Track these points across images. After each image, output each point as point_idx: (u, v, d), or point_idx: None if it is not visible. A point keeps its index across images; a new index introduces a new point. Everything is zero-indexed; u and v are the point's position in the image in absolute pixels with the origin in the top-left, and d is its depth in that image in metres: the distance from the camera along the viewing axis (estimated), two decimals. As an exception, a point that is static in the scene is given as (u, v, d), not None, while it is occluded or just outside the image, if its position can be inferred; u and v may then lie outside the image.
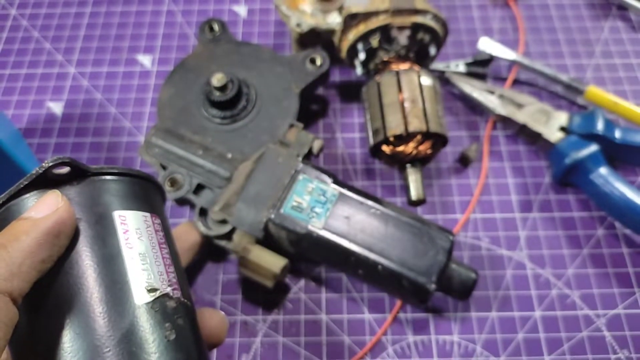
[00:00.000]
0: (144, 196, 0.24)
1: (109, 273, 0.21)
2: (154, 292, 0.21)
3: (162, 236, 0.23)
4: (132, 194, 0.23)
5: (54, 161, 0.21)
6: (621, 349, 0.38)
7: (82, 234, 0.21)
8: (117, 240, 0.21)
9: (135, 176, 0.24)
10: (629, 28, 0.53)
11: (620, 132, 0.42)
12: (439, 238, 0.35)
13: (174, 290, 0.22)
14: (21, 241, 0.19)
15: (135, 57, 0.51)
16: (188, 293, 0.24)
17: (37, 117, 0.48)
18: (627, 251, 0.41)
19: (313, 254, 0.37)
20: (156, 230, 0.23)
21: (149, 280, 0.21)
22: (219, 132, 0.41)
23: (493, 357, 0.37)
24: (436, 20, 0.42)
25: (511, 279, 0.40)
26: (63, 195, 0.21)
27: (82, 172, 0.22)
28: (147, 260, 0.22)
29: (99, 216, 0.22)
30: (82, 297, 0.20)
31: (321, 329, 0.39)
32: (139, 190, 0.24)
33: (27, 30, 0.53)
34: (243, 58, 0.44)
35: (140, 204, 0.23)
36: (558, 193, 0.44)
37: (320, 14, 0.44)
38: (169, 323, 0.21)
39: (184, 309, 0.22)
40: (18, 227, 0.20)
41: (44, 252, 0.20)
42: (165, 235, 0.24)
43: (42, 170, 0.21)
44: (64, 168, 0.22)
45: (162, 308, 0.21)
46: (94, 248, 0.21)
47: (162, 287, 0.21)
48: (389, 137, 0.39)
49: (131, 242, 0.22)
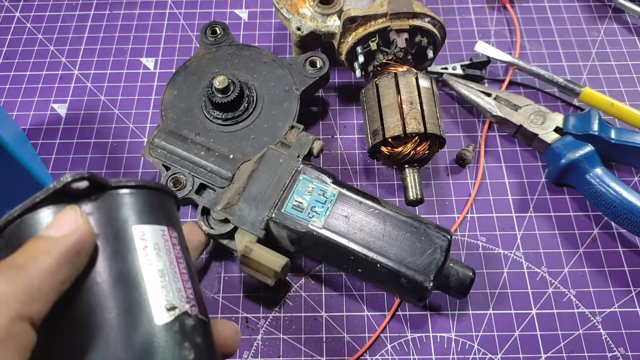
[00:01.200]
0: (161, 208, 0.23)
1: (128, 292, 0.20)
2: (173, 310, 0.21)
3: (179, 250, 0.23)
4: (149, 207, 0.23)
5: (73, 176, 0.21)
6: (617, 347, 0.38)
7: (101, 251, 0.20)
8: (136, 256, 0.21)
9: (152, 188, 0.23)
10: (624, 30, 0.53)
11: (616, 132, 0.42)
12: (436, 237, 0.35)
13: (192, 307, 0.22)
14: (40, 262, 0.19)
15: (138, 59, 0.52)
16: (204, 307, 0.23)
17: (41, 118, 0.48)
18: (623, 250, 0.42)
19: (313, 253, 0.38)
20: (173, 244, 0.23)
21: (168, 298, 0.21)
22: (221, 133, 0.41)
23: (490, 354, 0.38)
24: (434, 23, 0.43)
25: (508, 278, 0.41)
26: (82, 212, 0.21)
27: (101, 187, 0.22)
28: (165, 277, 0.21)
29: (118, 231, 0.21)
30: (101, 317, 0.19)
31: (321, 327, 0.39)
32: (156, 202, 0.23)
33: (31, 32, 0.54)
34: (244, 61, 0.45)
35: (158, 217, 0.23)
36: (554, 193, 0.44)
37: (320, 17, 0.45)
38: (187, 343, 0.20)
39: (201, 327, 0.22)
40: (37, 246, 0.19)
41: (63, 272, 0.19)
42: (181, 248, 0.23)
43: (60, 185, 0.20)
44: (82, 182, 0.21)
45: (181, 327, 0.21)
46: (113, 266, 0.20)
47: (181, 304, 0.21)
48: (388, 138, 0.40)
49: (150, 258, 0.21)
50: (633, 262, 0.41)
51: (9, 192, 0.39)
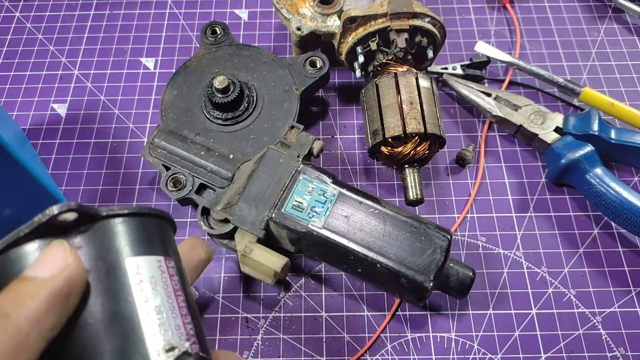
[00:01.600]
0: (157, 235, 0.22)
1: (123, 333, 0.18)
2: (173, 350, 0.19)
3: (177, 281, 0.21)
4: (144, 236, 0.21)
5: (60, 208, 0.19)
6: (617, 347, 0.38)
7: (93, 289, 0.19)
8: (131, 293, 0.19)
9: (146, 215, 0.21)
10: (624, 30, 0.53)
11: (616, 132, 0.42)
12: (436, 237, 0.35)
13: (193, 344, 0.20)
14: (27, 307, 0.17)
15: (138, 59, 0.52)
16: (205, 343, 0.22)
17: (41, 118, 0.48)
18: (623, 250, 0.42)
19: (313, 253, 0.38)
20: (171, 276, 0.21)
21: (167, 337, 0.19)
22: (221, 133, 0.41)
23: (490, 354, 0.38)
24: (434, 23, 0.43)
25: (508, 278, 0.41)
26: (71, 247, 0.19)
27: (91, 217, 0.20)
28: (163, 313, 0.19)
29: (111, 266, 0.19)
30: None
31: (321, 327, 0.39)
32: (151, 230, 0.21)
33: (31, 32, 0.54)
34: (244, 60, 0.45)
35: (153, 246, 0.21)
36: (554, 193, 0.44)
37: (320, 17, 0.45)
38: None
39: None
40: (22, 289, 0.17)
41: (52, 317, 0.17)
42: (179, 279, 0.21)
43: (45, 218, 0.19)
44: (70, 214, 0.19)
45: None
46: (106, 305, 0.19)
47: (181, 343, 0.19)
48: (388, 138, 0.40)
49: (146, 294, 0.19)
50: (633, 262, 0.41)
51: (9, 192, 0.39)
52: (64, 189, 0.45)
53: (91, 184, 0.45)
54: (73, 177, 0.45)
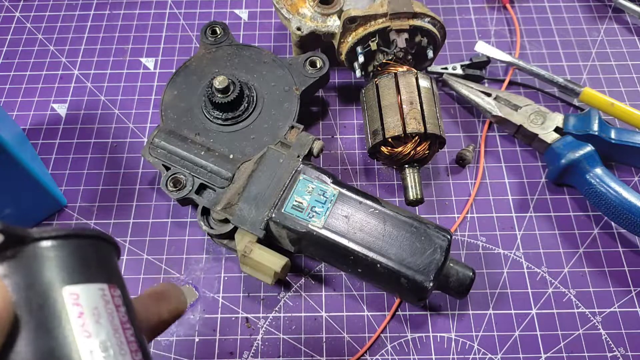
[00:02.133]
0: (99, 260, 0.19)
1: None
2: None
3: (124, 313, 0.18)
4: (83, 261, 0.18)
5: None
6: (617, 347, 0.38)
7: (22, 324, 0.16)
8: (70, 328, 0.16)
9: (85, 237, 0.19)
10: (624, 30, 0.53)
11: (616, 132, 0.42)
12: (436, 237, 0.35)
13: None
14: None
15: (138, 59, 0.52)
16: None
17: (41, 118, 0.48)
18: (623, 250, 0.42)
19: (313, 253, 0.38)
20: (117, 306, 0.18)
21: None
22: (221, 133, 0.41)
23: (490, 354, 0.38)
24: (434, 23, 0.43)
25: (508, 278, 0.41)
26: None
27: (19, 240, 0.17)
28: (110, 350, 0.17)
29: (43, 297, 0.17)
30: None
31: (321, 327, 0.39)
32: (92, 254, 0.19)
33: (31, 32, 0.54)
34: (244, 60, 0.45)
35: (95, 272, 0.18)
36: (554, 193, 0.44)
37: (320, 17, 0.45)
38: None
39: None
40: None
41: None
42: (127, 310, 0.19)
43: None
44: None
45: None
46: (39, 343, 0.16)
47: None
48: (388, 138, 0.40)
49: (88, 328, 0.17)
50: (633, 262, 0.41)
51: (9, 192, 0.39)
52: (64, 189, 0.45)
53: (91, 184, 0.45)
54: (73, 177, 0.45)
